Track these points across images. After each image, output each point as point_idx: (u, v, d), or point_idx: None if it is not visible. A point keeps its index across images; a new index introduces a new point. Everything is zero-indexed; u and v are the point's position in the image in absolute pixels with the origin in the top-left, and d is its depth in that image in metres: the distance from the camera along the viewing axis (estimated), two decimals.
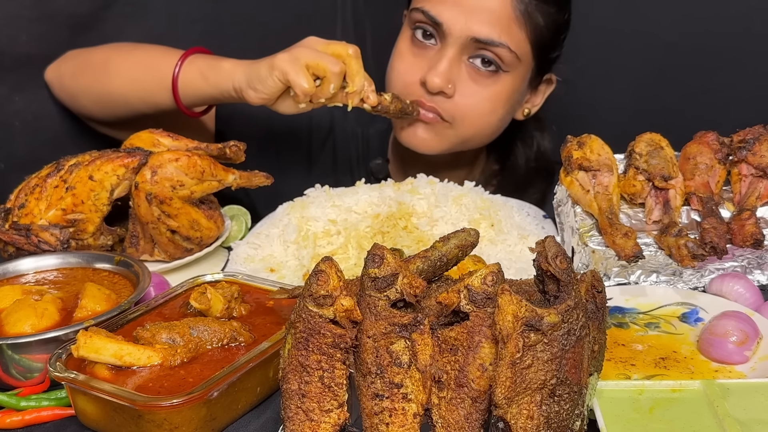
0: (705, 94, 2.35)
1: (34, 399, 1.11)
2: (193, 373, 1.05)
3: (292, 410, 0.89)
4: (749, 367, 1.09)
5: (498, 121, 1.84)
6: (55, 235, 1.42)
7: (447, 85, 1.73)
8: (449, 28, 1.72)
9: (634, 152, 1.49)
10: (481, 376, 0.84)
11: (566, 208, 1.50)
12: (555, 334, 0.81)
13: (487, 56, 1.74)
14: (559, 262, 0.85)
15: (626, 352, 1.14)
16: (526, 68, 1.80)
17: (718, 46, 2.33)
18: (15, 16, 1.86)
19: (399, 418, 0.86)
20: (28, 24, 1.87)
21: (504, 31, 1.72)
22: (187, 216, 1.46)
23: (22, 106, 1.92)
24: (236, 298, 1.20)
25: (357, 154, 2.07)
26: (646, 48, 2.39)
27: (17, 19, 1.86)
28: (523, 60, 1.77)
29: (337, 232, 1.49)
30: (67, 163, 1.47)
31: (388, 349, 0.85)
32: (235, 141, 1.58)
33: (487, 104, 1.78)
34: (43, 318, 1.18)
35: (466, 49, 1.74)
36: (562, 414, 0.84)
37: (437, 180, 1.62)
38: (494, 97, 1.78)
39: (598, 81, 2.42)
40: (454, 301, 0.86)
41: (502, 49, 1.72)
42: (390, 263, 0.86)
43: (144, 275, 1.28)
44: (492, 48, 1.72)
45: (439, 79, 1.72)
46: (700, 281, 1.32)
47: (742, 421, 0.93)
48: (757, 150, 1.48)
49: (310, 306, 0.87)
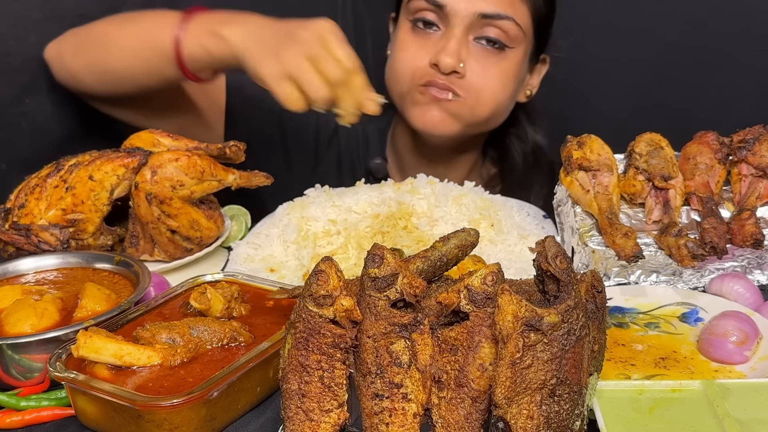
0: (705, 94, 2.35)
1: (34, 399, 1.11)
2: (193, 373, 1.05)
3: (292, 410, 0.89)
4: (749, 367, 1.09)
5: (508, 99, 1.86)
6: (55, 235, 1.42)
7: (459, 64, 1.74)
8: (453, 8, 1.74)
9: (634, 152, 1.49)
10: (481, 376, 0.84)
11: (566, 208, 1.50)
12: (555, 334, 0.81)
13: (491, 36, 1.75)
14: (559, 262, 0.85)
15: (626, 352, 1.13)
16: (528, 44, 1.83)
17: (718, 46, 2.33)
18: (22, 17, 1.86)
19: (399, 418, 0.86)
20: (36, 24, 1.86)
21: (509, 5, 1.74)
22: (187, 216, 1.46)
23: (32, 107, 1.90)
24: (236, 298, 1.20)
25: (358, 154, 2.07)
26: (646, 47, 2.40)
27: (24, 20, 1.86)
28: (527, 34, 1.79)
29: (337, 232, 1.49)
30: (67, 163, 1.47)
31: (388, 349, 0.85)
32: (235, 141, 1.58)
33: (498, 81, 1.80)
34: (43, 318, 1.18)
35: (472, 29, 1.75)
36: (562, 414, 0.84)
37: (437, 180, 1.62)
38: (503, 73, 1.80)
39: (598, 81, 2.43)
40: (454, 301, 0.86)
41: (508, 23, 1.74)
42: (390, 263, 0.86)
43: (144, 275, 1.28)
44: (498, 22, 1.74)
45: (451, 58, 1.73)
46: (700, 281, 1.32)
47: (742, 421, 0.93)
48: (757, 150, 1.48)
49: (310, 306, 0.87)
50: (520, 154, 2.02)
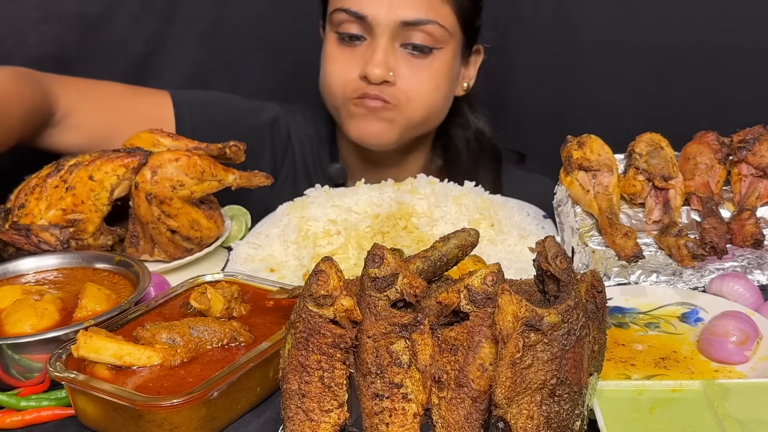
0: (705, 94, 2.35)
1: (34, 399, 1.11)
2: (193, 373, 1.05)
3: (292, 410, 0.89)
4: (749, 367, 1.09)
5: (443, 99, 1.87)
6: (55, 235, 1.42)
7: (388, 73, 1.75)
8: (374, 18, 1.74)
9: (634, 152, 1.49)
10: (481, 376, 0.84)
11: (566, 208, 1.50)
12: (555, 334, 0.81)
13: (417, 43, 1.76)
14: (559, 262, 0.85)
15: (626, 352, 1.13)
16: (457, 41, 1.83)
17: (718, 47, 2.33)
18: (21, 18, 1.86)
19: (399, 418, 0.86)
20: (36, 25, 1.86)
21: (429, 8, 1.75)
22: (187, 216, 1.46)
23: None
24: (236, 298, 1.20)
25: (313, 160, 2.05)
26: (646, 48, 2.39)
27: (24, 21, 1.86)
28: (453, 33, 1.80)
29: (337, 232, 1.49)
30: (67, 163, 1.47)
31: (388, 349, 0.85)
32: (235, 141, 1.58)
33: (429, 83, 1.81)
34: (43, 318, 1.18)
35: (396, 36, 1.76)
36: (562, 414, 0.84)
37: (437, 180, 1.62)
38: (434, 75, 1.81)
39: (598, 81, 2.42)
40: (454, 301, 0.86)
41: (432, 26, 1.75)
42: (390, 263, 0.86)
43: (144, 275, 1.28)
44: (422, 27, 1.74)
45: (379, 69, 1.74)
46: (700, 281, 1.32)
47: (742, 421, 0.93)
48: (757, 150, 1.48)
49: (310, 306, 0.87)
50: (464, 142, 2.02)
